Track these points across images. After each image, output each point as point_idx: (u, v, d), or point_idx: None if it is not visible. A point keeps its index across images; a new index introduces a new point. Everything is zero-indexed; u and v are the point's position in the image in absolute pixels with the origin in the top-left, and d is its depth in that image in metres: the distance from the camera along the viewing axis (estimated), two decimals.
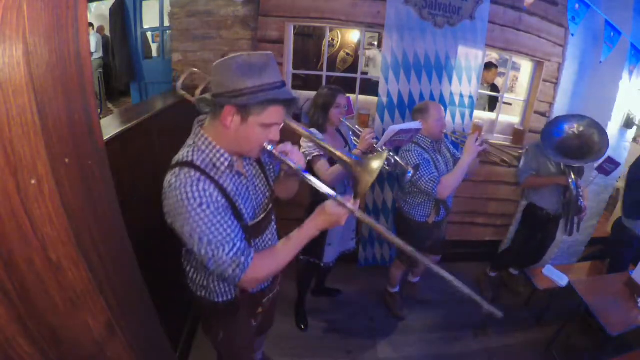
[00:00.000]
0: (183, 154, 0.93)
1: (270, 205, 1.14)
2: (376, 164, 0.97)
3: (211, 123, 0.94)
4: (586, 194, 2.26)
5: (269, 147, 0.94)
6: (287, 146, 1.00)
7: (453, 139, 2.16)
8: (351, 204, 0.93)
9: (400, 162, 1.76)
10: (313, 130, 1.77)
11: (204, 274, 1.11)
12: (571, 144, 2.11)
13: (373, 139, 1.68)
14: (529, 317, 2.54)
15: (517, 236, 2.65)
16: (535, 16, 2.50)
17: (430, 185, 1.86)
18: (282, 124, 0.96)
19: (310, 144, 1.75)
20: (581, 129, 2.12)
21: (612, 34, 1.68)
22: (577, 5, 1.55)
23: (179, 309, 1.96)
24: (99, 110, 2.83)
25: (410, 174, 1.74)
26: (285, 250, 0.98)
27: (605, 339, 1.90)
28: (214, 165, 0.93)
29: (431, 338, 2.31)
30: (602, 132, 2.05)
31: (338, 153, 1.08)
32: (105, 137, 1.08)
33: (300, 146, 1.79)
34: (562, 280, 2.36)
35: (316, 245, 1.99)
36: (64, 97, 0.64)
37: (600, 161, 2.22)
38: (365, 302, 2.57)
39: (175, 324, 1.89)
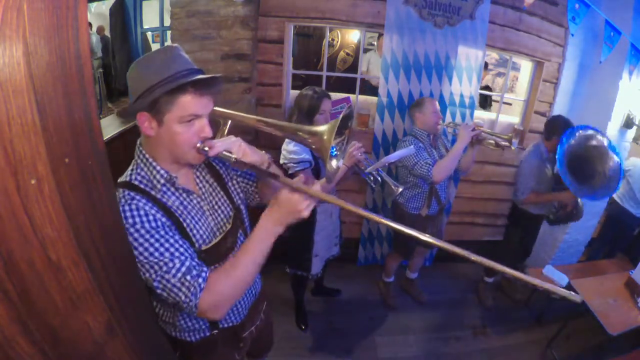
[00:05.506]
0: (125, 173, 0.86)
1: (230, 226, 0.97)
2: (325, 127, 0.84)
3: (144, 137, 0.84)
4: None
5: (205, 148, 0.81)
6: (226, 141, 0.85)
7: (450, 129, 2.25)
8: (315, 185, 0.79)
9: (388, 181, 1.68)
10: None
11: (171, 310, 0.98)
12: (579, 155, 2.01)
13: (361, 154, 1.56)
14: (529, 317, 2.54)
15: (511, 237, 2.61)
16: (535, 16, 2.49)
17: (426, 168, 1.91)
18: (205, 115, 0.82)
19: (292, 156, 1.65)
20: (594, 144, 2.03)
21: (612, 34, 1.68)
22: (577, 5, 1.55)
23: None
24: (99, 110, 2.82)
25: (400, 189, 1.70)
26: (243, 260, 0.80)
27: (605, 339, 1.90)
28: (151, 182, 0.84)
29: (431, 338, 2.31)
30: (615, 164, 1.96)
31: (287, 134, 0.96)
32: (105, 137, 1.08)
33: (281, 155, 1.70)
34: (562, 280, 2.36)
35: (303, 258, 1.96)
36: (64, 97, 0.64)
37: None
38: (365, 302, 2.57)
39: None
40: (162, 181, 0.84)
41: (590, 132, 2.05)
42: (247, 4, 2.18)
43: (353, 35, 4.58)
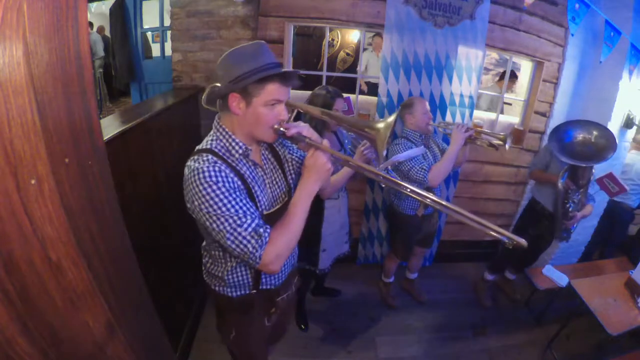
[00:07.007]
0: (203, 142, 1.01)
1: (287, 199, 1.14)
2: (382, 124, 1.04)
3: (225, 114, 1.01)
4: (588, 209, 2.23)
5: (281, 129, 0.98)
6: (298, 125, 1.02)
7: (440, 129, 2.21)
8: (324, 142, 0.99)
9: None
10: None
11: (222, 265, 1.12)
12: (579, 150, 2.04)
13: (371, 153, 1.59)
14: (529, 317, 2.54)
15: (513, 231, 2.65)
16: (535, 16, 2.49)
17: (422, 173, 1.90)
18: (285, 101, 0.99)
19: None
20: (591, 137, 2.05)
21: (612, 34, 1.68)
22: (577, 5, 1.55)
23: (179, 308, 1.96)
24: (99, 110, 2.82)
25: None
26: (293, 216, 0.97)
27: (605, 339, 1.90)
28: (229, 152, 0.99)
29: (431, 338, 2.31)
30: (611, 140, 1.99)
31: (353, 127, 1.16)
32: (105, 137, 1.08)
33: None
34: (562, 280, 2.36)
35: (311, 252, 1.96)
36: (64, 97, 0.64)
37: (599, 167, 2.20)
38: (365, 302, 2.57)
39: (175, 324, 1.89)
40: (240, 151, 0.99)
41: (577, 130, 2.09)
42: (247, 4, 2.18)
43: (353, 35, 4.59)
